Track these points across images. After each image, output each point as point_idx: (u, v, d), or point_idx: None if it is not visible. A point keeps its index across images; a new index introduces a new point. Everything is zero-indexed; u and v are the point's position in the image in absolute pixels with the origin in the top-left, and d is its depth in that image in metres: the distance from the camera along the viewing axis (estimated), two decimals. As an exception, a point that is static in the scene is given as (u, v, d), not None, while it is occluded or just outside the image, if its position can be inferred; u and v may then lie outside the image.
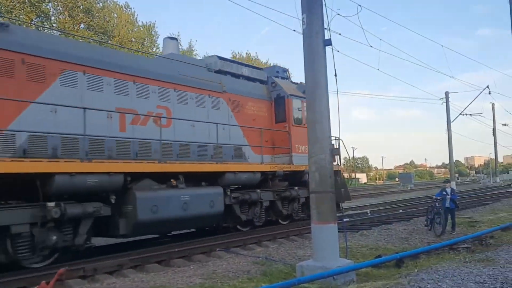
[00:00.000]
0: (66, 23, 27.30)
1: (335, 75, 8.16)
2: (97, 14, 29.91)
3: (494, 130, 51.87)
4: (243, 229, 12.62)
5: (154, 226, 9.95)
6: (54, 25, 28.31)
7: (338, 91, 8.71)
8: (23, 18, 25.14)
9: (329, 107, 7.67)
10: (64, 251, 8.50)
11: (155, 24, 37.48)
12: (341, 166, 16.50)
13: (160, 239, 11.99)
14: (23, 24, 20.69)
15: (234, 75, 13.71)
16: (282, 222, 13.95)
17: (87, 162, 8.67)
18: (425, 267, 7.52)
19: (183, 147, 11.19)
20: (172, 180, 10.34)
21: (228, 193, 11.73)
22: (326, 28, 7.75)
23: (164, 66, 11.59)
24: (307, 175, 12.86)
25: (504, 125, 75.25)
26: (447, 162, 36.75)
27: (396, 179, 78.52)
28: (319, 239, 7.27)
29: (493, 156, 61.37)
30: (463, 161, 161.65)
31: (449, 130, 36.43)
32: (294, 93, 14.51)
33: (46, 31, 18.80)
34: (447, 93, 37.68)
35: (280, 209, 13.53)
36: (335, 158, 15.54)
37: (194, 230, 13.14)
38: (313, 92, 7.59)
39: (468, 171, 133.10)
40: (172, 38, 13.74)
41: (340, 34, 13.74)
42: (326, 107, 7.56)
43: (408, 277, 6.70)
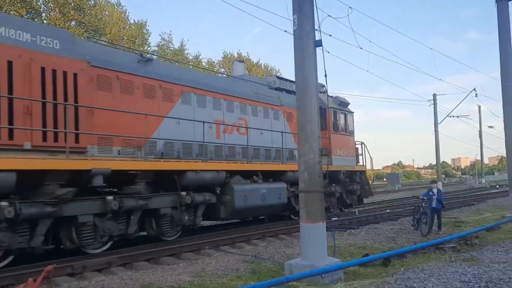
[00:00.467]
0: (57, 20, 27.03)
1: (325, 75, 8.26)
2: (88, 12, 29.66)
3: (480, 132, 52.57)
4: (295, 218, 14.85)
5: (244, 212, 12.97)
6: (45, 21, 28.01)
7: (327, 92, 8.84)
8: (13, 15, 24.84)
9: (318, 108, 7.76)
10: (187, 229, 11.44)
11: (146, 22, 37.31)
12: (366, 167, 19.73)
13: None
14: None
15: (287, 91, 16.55)
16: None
17: (205, 162, 11.60)
18: (411, 266, 7.63)
19: (256, 151, 14.17)
20: (254, 176, 13.27)
21: (288, 187, 14.36)
22: (316, 29, 7.82)
23: (241, 85, 14.51)
24: (342, 174, 17.69)
25: (490, 127, 76.51)
26: (434, 163, 37.16)
27: (384, 179, 79.10)
28: (308, 238, 7.34)
29: (479, 157, 62.20)
30: (450, 162, 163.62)
31: (436, 131, 36.87)
32: (332, 105, 17.78)
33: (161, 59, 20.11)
34: (435, 95, 38.14)
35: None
36: (358, 159, 19.48)
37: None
38: (303, 92, 7.66)
39: (454, 172, 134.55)
40: (240, 61, 17.30)
41: (330, 36, 13.99)
42: (316, 108, 7.64)
43: (395, 275, 6.81)
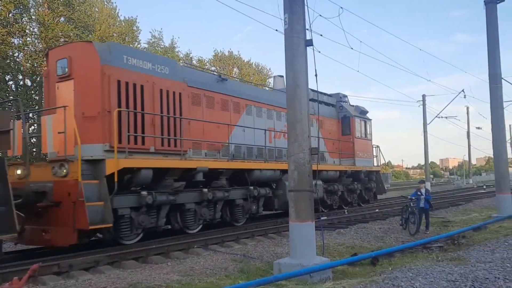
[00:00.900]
0: (46, 15, 26.66)
1: (316, 75, 8.27)
2: (78, 8, 29.33)
3: (468, 133, 53.13)
4: (324, 210, 17.93)
5: None
6: (33, 17, 27.62)
7: (318, 91, 8.85)
8: (1, 10, 24.43)
9: (308, 107, 7.77)
10: (252, 217, 14.50)
11: (136, 19, 37.04)
12: (381, 167, 23.01)
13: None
14: None
15: (319, 101, 19.01)
16: (344, 207, 19.39)
17: (267, 163, 14.55)
18: (399, 265, 7.67)
19: None
20: None
21: (322, 184, 17.04)
22: (307, 29, 7.84)
23: (284, 98, 15.93)
24: (363, 174, 20.73)
25: (478, 128, 77.48)
26: (423, 163, 37.49)
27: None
28: (297, 237, 7.35)
29: (466, 158, 62.92)
30: (438, 162, 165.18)
31: (425, 132, 37.21)
32: (355, 114, 20.65)
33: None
34: (424, 96, 38.47)
35: (346, 197, 19.54)
36: (374, 161, 22.29)
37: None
38: (293, 92, 7.67)
39: (442, 172, 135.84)
40: (281, 76, 19.33)
41: (321, 35, 14.02)
42: (306, 107, 7.65)
43: (383, 275, 6.84)
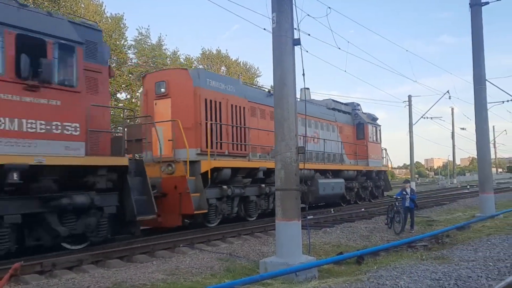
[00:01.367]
0: (29, 10, 26.32)
1: (303, 74, 8.28)
2: (63, 4, 28.90)
3: (453, 133, 53.85)
4: (343, 204, 21.07)
5: (322, 198, 18.74)
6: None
7: (305, 91, 8.86)
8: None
9: (296, 106, 7.77)
10: None
11: (123, 16, 36.68)
12: (387, 168, 26.69)
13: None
14: None
15: (338, 110, 22.43)
16: (359, 202, 22.34)
17: (305, 163, 14.62)
18: (384, 264, 7.73)
19: (322, 155, 19.60)
20: (327, 173, 19.33)
21: (344, 182, 20.14)
22: (295, 28, 7.83)
23: (313, 108, 19.42)
24: (374, 173, 23.96)
25: (462, 129, 78.96)
26: (408, 163, 37.86)
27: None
28: (283, 236, 7.34)
29: (451, 158, 63.72)
30: (423, 162, 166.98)
31: (411, 132, 37.58)
32: (368, 120, 23.79)
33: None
34: (410, 96, 38.85)
35: (361, 193, 22.72)
36: (383, 161, 25.61)
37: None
38: (281, 90, 7.65)
39: (427, 172, 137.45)
40: (307, 88, 20.52)
41: (309, 35, 14.07)
42: (293, 106, 7.64)
43: (368, 273, 6.89)
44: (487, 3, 15.86)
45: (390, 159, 32.56)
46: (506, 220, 13.90)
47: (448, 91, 43.60)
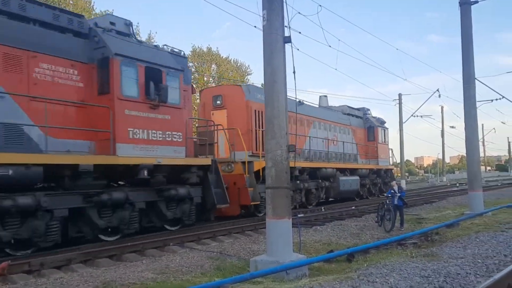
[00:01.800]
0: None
1: (294, 72, 8.25)
2: (51, 0, 28.59)
3: (443, 131, 54.37)
4: (357, 198, 23.70)
5: (342, 193, 21.21)
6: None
7: (296, 89, 8.87)
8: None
9: (287, 104, 7.75)
10: (319, 202, 19.98)
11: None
12: (393, 167, 30.28)
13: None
14: None
15: (352, 115, 25.29)
16: (369, 197, 24.85)
17: (328, 163, 20.54)
18: (374, 261, 7.75)
19: (341, 155, 22.56)
20: (346, 172, 22.05)
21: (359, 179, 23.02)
22: (286, 26, 7.81)
23: (332, 114, 23.32)
24: (383, 171, 27.07)
25: (452, 127, 79.23)
26: (399, 161, 38.11)
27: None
28: (273, 234, 7.32)
29: (441, 156, 64.31)
30: (413, 160, 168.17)
31: (401, 130, 37.87)
32: (378, 124, 26.82)
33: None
34: (400, 94, 39.15)
35: (372, 189, 25.53)
36: (390, 160, 29.23)
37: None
38: (271, 88, 7.62)
39: (417, 170, 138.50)
40: (325, 96, 25.02)
41: (300, 33, 14.09)
42: (284, 104, 7.62)
43: (358, 271, 6.90)
44: (477, 1, 15.94)
45: (396, 158, 34.50)
46: (495, 218, 14.02)
47: (438, 90, 44.08)
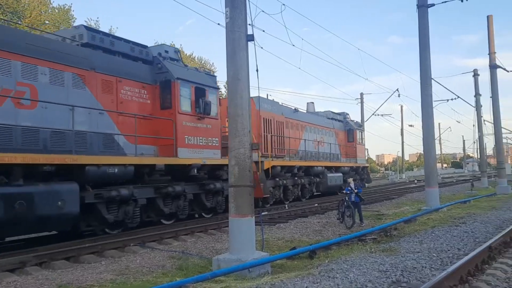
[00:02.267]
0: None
1: (257, 70, 8.26)
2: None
3: (402, 130, 56.09)
4: (339, 193, 23.77)
5: (329, 188, 23.93)
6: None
7: (259, 87, 8.91)
8: None
9: (249, 102, 7.74)
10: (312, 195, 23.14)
11: (71, 7, 35.22)
12: (368, 165, 33.70)
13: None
14: None
15: (335, 119, 28.16)
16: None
17: (318, 161, 23.72)
18: (335, 257, 7.89)
19: (327, 155, 25.67)
20: (332, 169, 24.87)
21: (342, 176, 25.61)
22: (250, 24, 7.79)
23: (319, 118, 26.19)
24: (360, 168, 30.20)
25: (411, 126, 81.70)
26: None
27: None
28: (236, 232, 7.31)
29: (400, 154, 66.29)
30: (374, 158, 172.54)
31: (362, 129, 38.63)
32: (356, 127, 29.88)
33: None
34: (362, 94, 40.07)
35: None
36: (366, 159, 32.72)
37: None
38: (234, 86, 7.59)
39: (378, 168, 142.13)
40: (312, 102, 28.06)
41: (264, 31, 14.11)
42: (247, 102, 7.61)
43: (319, 267, 7.00)
44: (433, 4, 16.53)
45: (370, 157, 38.36)
46: (449, 213, 14.60)
47: (397, 89, 44.97)
